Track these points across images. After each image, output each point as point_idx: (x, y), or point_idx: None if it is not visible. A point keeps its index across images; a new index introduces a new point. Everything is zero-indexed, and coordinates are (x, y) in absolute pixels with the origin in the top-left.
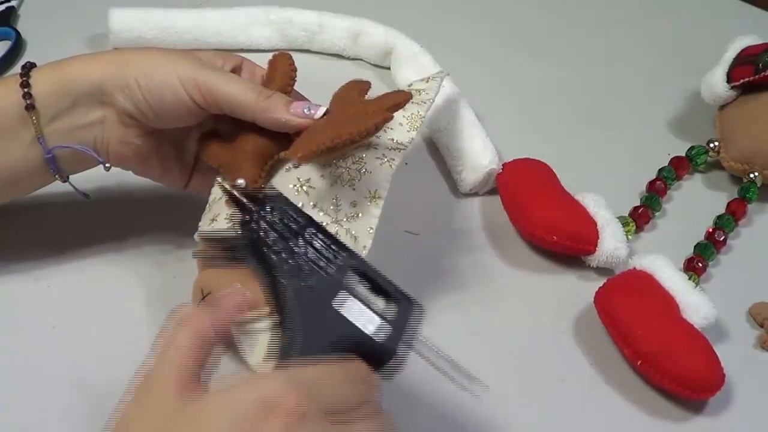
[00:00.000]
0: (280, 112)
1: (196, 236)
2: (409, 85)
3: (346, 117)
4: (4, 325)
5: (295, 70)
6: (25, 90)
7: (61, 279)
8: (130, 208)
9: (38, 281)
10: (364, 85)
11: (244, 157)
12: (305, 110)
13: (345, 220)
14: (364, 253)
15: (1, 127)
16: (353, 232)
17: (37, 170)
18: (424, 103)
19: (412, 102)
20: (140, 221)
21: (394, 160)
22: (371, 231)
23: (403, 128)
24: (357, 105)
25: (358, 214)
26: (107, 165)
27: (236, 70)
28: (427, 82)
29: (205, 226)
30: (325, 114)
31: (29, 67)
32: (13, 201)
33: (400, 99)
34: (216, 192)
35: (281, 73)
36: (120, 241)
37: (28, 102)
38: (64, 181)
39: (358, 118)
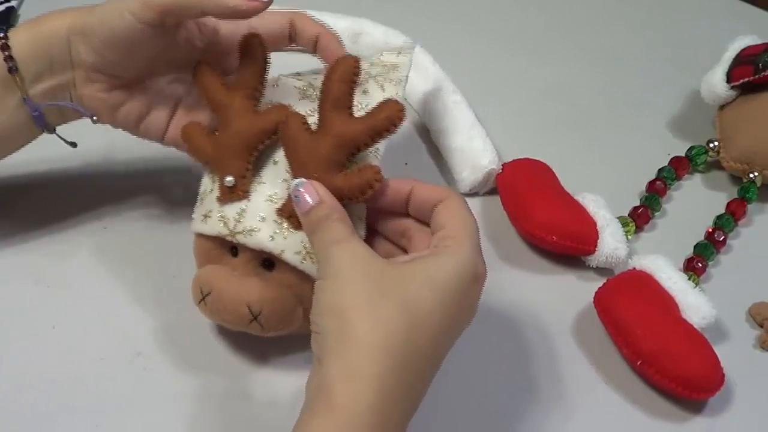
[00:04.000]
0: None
1: (192, 229)
2: (380, 55)
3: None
4: (4, 325)
5: (267, 51)
6: (6, 53)
7: (61, 279)
8: (130, 208)
9: (38, 281)
10: (355, 73)
11: (230, 153)
12: None
13: None
14: None
15: None
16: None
17: (24, 128)
18: (400, 82)
19: (389, 82)
20: (140, 220)
21: (378, 149)
22: (361, 221)
23: (375, 98)
24: (341, 125)
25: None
26: (94, 118)
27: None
28: (398, 55)
29: (198, 221)
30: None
31: (6, 29)
32: (14, 201)
33: (389, 118)
34: (206, 184)
35: (255, 58)
36: (120, 240)
37: (10, 65)
38: (51, 133)
39: (353, 175)
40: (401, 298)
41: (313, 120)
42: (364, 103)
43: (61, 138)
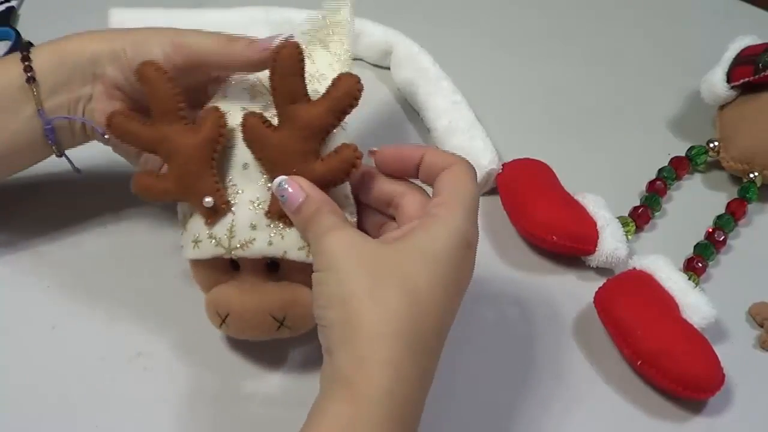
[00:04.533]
0: (243, 46)
1: (185, 257)
2: (321, 17)
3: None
4: (4, 325)
5: (166, 71)
6: (26, 63)
7: (61, 279)
8: (131, 208)
9: (38, 281)
10: (300, 59)
11: (192, 178)
12: (270, 41)
13: None
14: (353, 221)
15: (4, 100)
16: None
17: (36, 144)
18: (343, 38)
19: (335, 41)
20: (140, 221)
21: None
22: (348, 197)
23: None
24: (304, 114)
25: None
26: (106, 135)
27: None
28: (338, 12)
29: (189, 248)
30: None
31: (28, 45)
32: (13, 202)
33: (349, 92)
34: (183, 210)
35: (159, 84)
36: (120, 241)
37: (29, 75)
38: (60, 156)
39: (331, 159)
40: (400, 279)
41: (271, 113)
42: (313, 70)
43: (69, 161)
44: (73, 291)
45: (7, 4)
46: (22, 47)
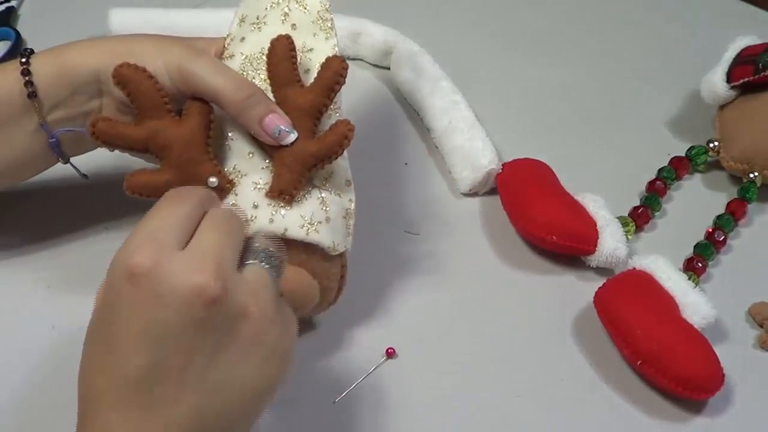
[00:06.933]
0: (252, 121)
1: None
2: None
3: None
4: (4, 325)
5: (145, 70)
6: (27, 78)
7: (61, 279)
8: (132, 209)
9: (38, 281)
10: (291, 48)
11: (191, 166)
12: (275, 133)
13: (322, 182)
14: (352, 207)
15: (5, 116)
16: (332, 192)
17: (40, 155)
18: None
19: (316, 20)
20: (139, 221)
21: (337, 106)
22: (350, 183)
23: (320, 50)
24: (297, 97)
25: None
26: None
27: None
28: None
29: None
30: (295, 139)
31: (29, 54)
32: (14, 202)
33: (336, 71)
34: None
35: (139, 82)
36: (120, 241)
37: (30, 90)
38: (65, 163)
39: (327, 135)
40: None
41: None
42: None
43: (75, 168)
44: (74, 291)
45: (7, 4)
46: (21, 57)
